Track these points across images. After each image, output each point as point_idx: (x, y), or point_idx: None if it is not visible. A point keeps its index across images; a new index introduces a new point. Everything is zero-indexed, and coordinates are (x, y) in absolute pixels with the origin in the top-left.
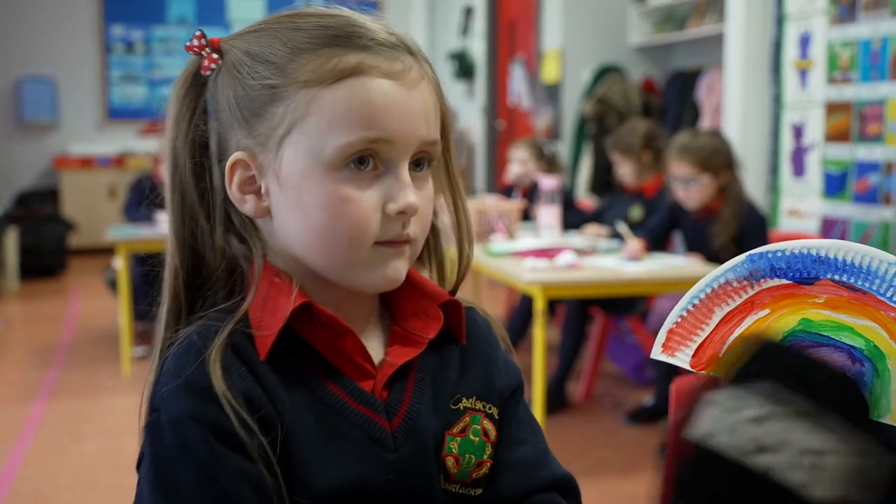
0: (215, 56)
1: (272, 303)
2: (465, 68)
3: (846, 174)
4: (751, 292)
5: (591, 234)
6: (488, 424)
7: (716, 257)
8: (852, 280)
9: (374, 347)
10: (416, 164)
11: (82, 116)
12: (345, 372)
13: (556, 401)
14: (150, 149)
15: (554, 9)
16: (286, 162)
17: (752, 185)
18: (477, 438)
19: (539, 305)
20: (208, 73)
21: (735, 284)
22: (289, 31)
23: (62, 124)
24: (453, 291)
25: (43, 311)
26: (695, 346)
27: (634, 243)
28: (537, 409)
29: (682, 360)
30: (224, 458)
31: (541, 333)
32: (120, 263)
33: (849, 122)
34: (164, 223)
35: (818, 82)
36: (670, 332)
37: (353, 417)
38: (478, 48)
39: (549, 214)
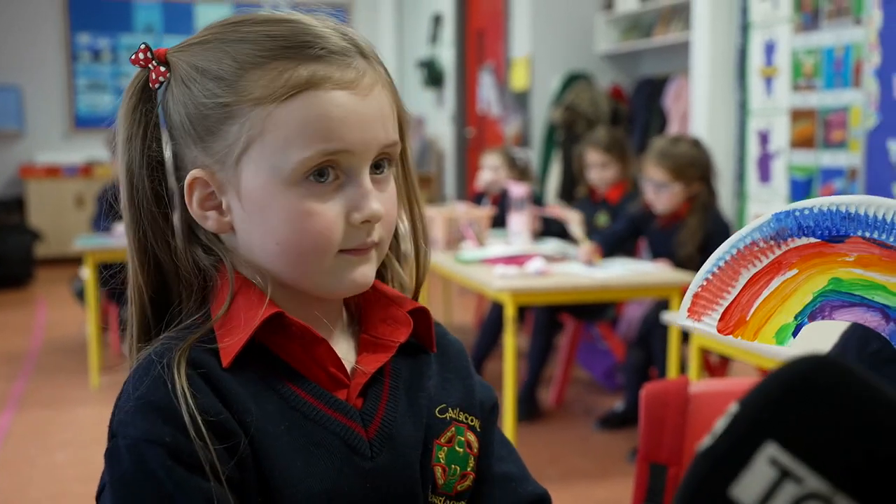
0: (163, 69)
1: (239, 313)
2: (434, 76)
3: (811, 180)
4: (778, 252)
5: (557, 213)
6: (471, 436)
7: (681, 264)
8: (884, 237)
9: (344, 356)
10: (376, 166)
11: (48, 125)
12: (317, 381)
13: (528, 408)
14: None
15: (522, 17)
16: (246, 179)
17: (719, 190)
18: (462, 450)
19: (509, 312)
20: (157, 86)
21: (762, 244)
22: (235, 43)
23: (28, 133)
24: (415, 295)
25: (9, 321)
26: (721, 310)
27: (587, 246)
28: (508, 417)
29: (708, 324)
30: (183, 480)
31: (511, 341)
32: (87, 273)
33: (813, 129)
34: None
35: (783, 89)
36: (696, 296)
37: (329, 425)
38: (447, 56)
39: (518, 221)
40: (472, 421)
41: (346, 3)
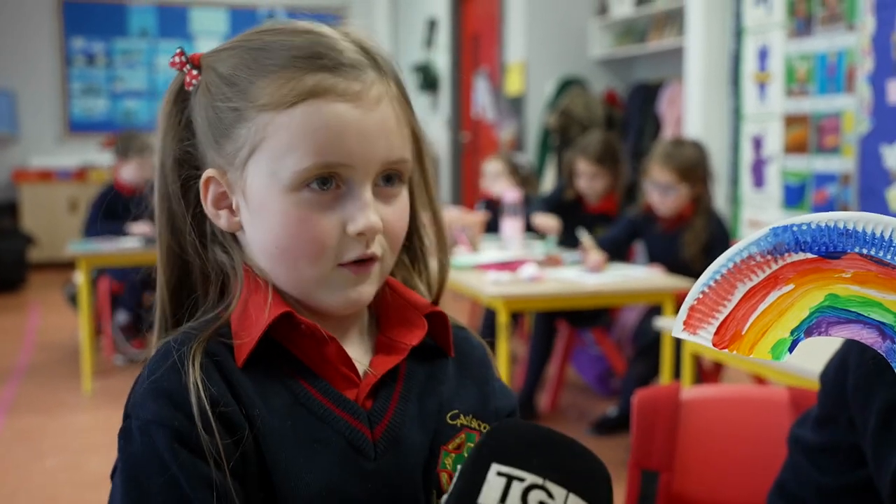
0: (195, 72)
1: (252, 311)
2: (429, 81)
3: (804, 185)
4: (774, 267)
5: (541, 224)
6: None
7: (681, 267)
8: (881, 254)
9: (361, 357)
10: (387, 179)
11: (42, 129)
12: (328, 380)
13: (525, 413)
14: (112, 161)
15: (517, 22)
16: (250, 182)
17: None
18: None
19: (502, 319)
20: (191, 88)
21: (758, 259)
22: (255, 51)
23: (22, 137)
24: (435, 302)
25: (1, 326)
26: (717, 324)
27: (596, 255)
28: None
29: (703, 338)
30: (187, 462)
31: (504, 347)
32: (80, 278)
33: (806, 134)
34: (127, 239)
35: (776, 95)
36: (691, 308)
37: (335, 423)
38: (442, 61)
39: (511, 227)
40: (484, 428)
41: (342, 7)
